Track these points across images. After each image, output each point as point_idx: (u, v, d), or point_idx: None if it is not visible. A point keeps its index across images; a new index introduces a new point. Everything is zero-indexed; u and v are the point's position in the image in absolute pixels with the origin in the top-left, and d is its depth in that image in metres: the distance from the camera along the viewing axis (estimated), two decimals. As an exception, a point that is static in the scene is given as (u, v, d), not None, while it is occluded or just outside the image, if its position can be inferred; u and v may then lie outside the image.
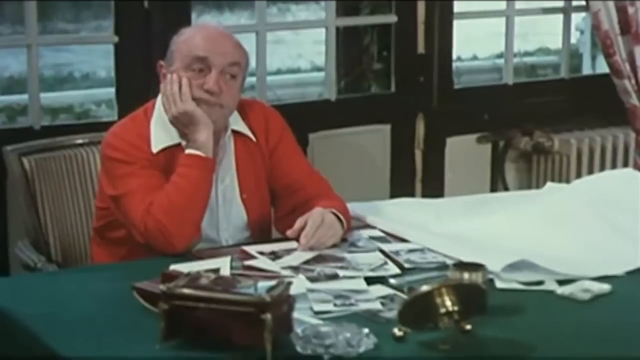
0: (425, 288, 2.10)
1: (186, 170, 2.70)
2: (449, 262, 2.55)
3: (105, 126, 2.97)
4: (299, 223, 2.69)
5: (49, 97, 5.37)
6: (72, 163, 3.22)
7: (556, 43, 7.05)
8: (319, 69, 6.44)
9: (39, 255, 3.03)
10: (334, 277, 2.48)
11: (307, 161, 3.04)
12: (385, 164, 4.35)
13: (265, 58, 4.09)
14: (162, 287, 2.11)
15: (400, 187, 4.33)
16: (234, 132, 2.87)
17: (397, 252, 2.66)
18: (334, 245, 2.70)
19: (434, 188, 4.38)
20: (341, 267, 2.54)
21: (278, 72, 7.51)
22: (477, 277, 2.30)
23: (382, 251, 2.68)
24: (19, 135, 3.43)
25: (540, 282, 2.48)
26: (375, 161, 4.32)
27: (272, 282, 2.14)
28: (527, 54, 7.67)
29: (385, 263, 2.58)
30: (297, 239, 2.69)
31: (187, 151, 2.72)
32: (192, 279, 2.14)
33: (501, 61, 5.49)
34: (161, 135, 2.79)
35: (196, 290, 2.09)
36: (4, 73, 6.48)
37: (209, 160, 2.72)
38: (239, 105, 2.87)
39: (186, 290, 2.09)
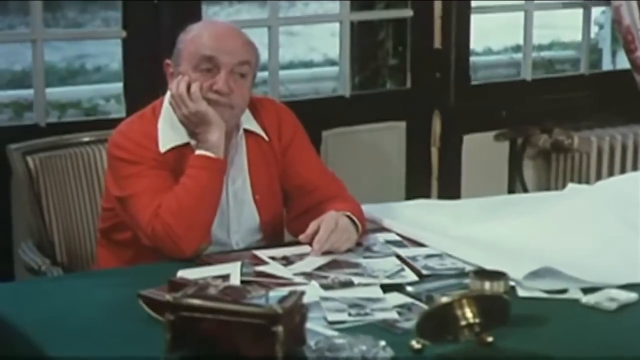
0: (445, 299, 2.01)
1: (196, 172, 2.60)
2: (469, 268, 2.47)
3: (113, 123, 2.87)
4: (311, 227, 2.59)
5: (57, 92, 5.27)
6: (78, 162, 3.14)
7: (570, 36, 6.93)
8: (332, 62, 6.35)
9: (43, 257, 2.95)
10: (349, 284, 2.38)
11: (321, 161, 2.94)
12: (400, 162, 4.26)
13: (278, 53, 3.99)
14: (168, 297, 2.01)
15: (416, 185, 4.27)
16: (246, 131, 2.77)
17: (414, 258, 2.56)
18: (349, 250, 2.61)
19: (451, 186, 4.31)
20: (356, 274, 2.44)
21: (290, 64, 7.40)
22: (499, 287, 2.20)
23: (398, 256, 2.58)
24: (24, 132, 3.34)
25: (564, 291, 2.37)
26: (390, 159, 4.24)
27: (284, 292, 2.04)
28: (540, 47, 7.54)
29: (402, 269, 2.49)
30: (309, 243, 2.59)
31: (198, 152, 2.63)
32: (200, 289, 2.04)
33: (518, 55, 5.43)
34: (169, 134, 2.69)
35: (204, 300, 1.99)
36: (14, 66, 6.37)
37: (220, 162, 2.62)
38: (251, 102, 2.77)
39: (193, 301, 1.99)
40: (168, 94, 2.72)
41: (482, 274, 2.25)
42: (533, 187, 4.49)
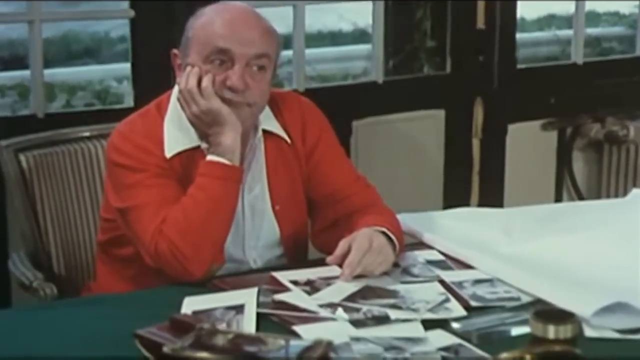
0: (505, 357, 1.64)
1: (207, 182, 2.25)
2: (525, 298, 2.13)
3: (122, 114, 2.51)
4: (341, 247, 2.24)
5: (64, 73, 4.97)
6: (79, 160, 2.79)
7: (604, 6, 6.52)
8: (362, 33, 6.02)
9: (35, 271, 2.61)
10: (384, 320, 2.02)
11: (351, 164, 2.58)
12: (438, 154, 4.02)
13: (303, 34, 3.68)
14: (166, 348, 1.66)
15: (456, 180, 4.04)
16: (265, 132, 2.41)
17: (460, 284, 2.21)
18: (384, 273, 2.25)
19: (494, 181, 4.09)
20: (393, 306, 2.08)
21: (319, 35, 7.04)
22: (566, 332, 1.82)
23: (442, 282, 2.22)
24: (18, 125, 3.01)
25: (639, 330, 2.01)
26: (427, 151, 3.99)
27: (307, 342, 1.70)
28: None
29: (447, 299, 2.13)
30: (339, 265, 2.23)
31: (209, 157, 2.27)
32: (206, 336, 1.70)
33: (562, 32, 5.15)
34: (177, 136, 2.34)
35: (210, 353, 1.65)
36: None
37: (235, 169, 2.27)
38: (271, 98, 2.42)
39: (197, 354, 1.64)
40: (176, 88, 2.37)
41: (544, 315, 1.87)
42: (583, 181, 4.27)
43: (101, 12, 3.31)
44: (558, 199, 4.22)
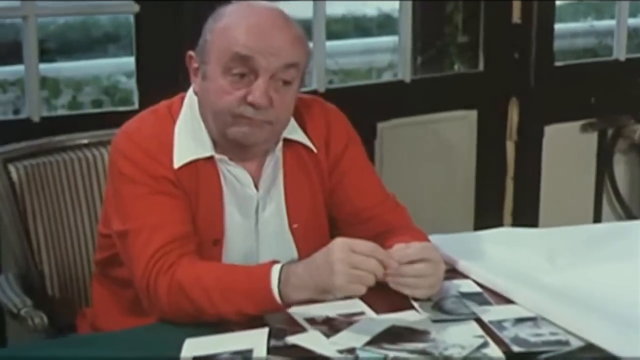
0: None
1: (241, 287, 1.97)
2: (575, 342, 1.87)
3: (124, 118, 2.25)
4: (400, 247, 1.97)
5: (71, 68, 4.77)
6: (75, 170, 2.56)
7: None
8: (387, 17, 5.80)
9: (24, 297, 2.38)
10: (414, 369, 1.77)
11: (380, 181, 2.32)
12: (470, 157, 3.84)
13: (323, 32, 3.46)
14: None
15: (488, 185, 3.88)
16: (285, 140, 2.18)
17: (500, 324, 1.95)
18: (413, 309, 1.99)
19: (529, 186, 3.92)
20: (423, 352, 1.83)
21: (343, 19, 6.84)
22: (628, 392, 1.57)
23: (478, 320, 1.97)
24: (11, 130, 2.77)
25: None
26: (458, 155, 3.81)
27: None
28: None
29: (485, 344, 1.87)
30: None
31: (275, 273, 1.94)
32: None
33: (599, 23, 4.94)
34: (189, 144, 2.10)
35: None
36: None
37: (274, 306, 1.96)
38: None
39: None
40: (189, 92, 2.15)
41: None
42: (625, 186, 4.12)
43: (103, 7, 3.06)
44: (598, 205, 4.07)
